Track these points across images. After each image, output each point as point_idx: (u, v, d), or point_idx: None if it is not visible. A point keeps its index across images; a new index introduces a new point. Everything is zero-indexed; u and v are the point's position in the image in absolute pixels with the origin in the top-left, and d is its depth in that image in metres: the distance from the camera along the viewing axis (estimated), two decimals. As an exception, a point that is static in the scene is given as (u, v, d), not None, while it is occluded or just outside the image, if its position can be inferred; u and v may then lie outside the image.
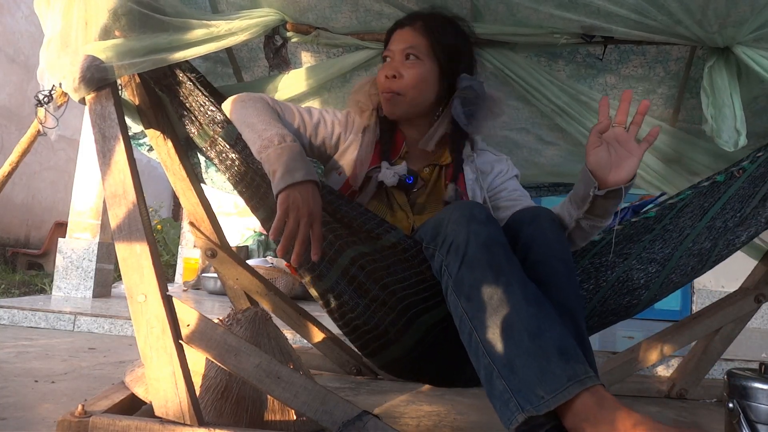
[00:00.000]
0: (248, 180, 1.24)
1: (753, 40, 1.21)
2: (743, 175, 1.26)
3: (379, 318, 1.15)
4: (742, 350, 2.60)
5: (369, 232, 1.14)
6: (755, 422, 1.06)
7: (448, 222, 1.01)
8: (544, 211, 1.09)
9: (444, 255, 1.00)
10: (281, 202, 1.04)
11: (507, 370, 0.87)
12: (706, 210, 1.27)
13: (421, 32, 1.28)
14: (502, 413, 0.88)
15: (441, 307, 1.06)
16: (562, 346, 0.87)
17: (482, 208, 1.03)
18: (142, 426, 0.97)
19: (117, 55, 1.10)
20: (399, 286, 1.12)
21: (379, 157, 1.29)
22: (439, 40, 1.28)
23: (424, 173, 1.31)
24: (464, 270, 0.96)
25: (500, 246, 0.98)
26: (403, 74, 1.26)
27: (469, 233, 0.97)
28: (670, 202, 1.27)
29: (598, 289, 1.28)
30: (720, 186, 1.27)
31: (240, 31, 1.29)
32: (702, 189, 1.27)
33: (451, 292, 0.98)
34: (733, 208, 1.29)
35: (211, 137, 1.25)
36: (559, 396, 0.83)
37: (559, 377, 0.84)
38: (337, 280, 1.17)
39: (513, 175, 1.35)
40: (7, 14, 5.98)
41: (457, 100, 1.27)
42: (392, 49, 1.29)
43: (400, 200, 1.27)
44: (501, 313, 0.91)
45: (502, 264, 0.95)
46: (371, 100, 1.33)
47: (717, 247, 1.31)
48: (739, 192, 1.28)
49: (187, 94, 1.25)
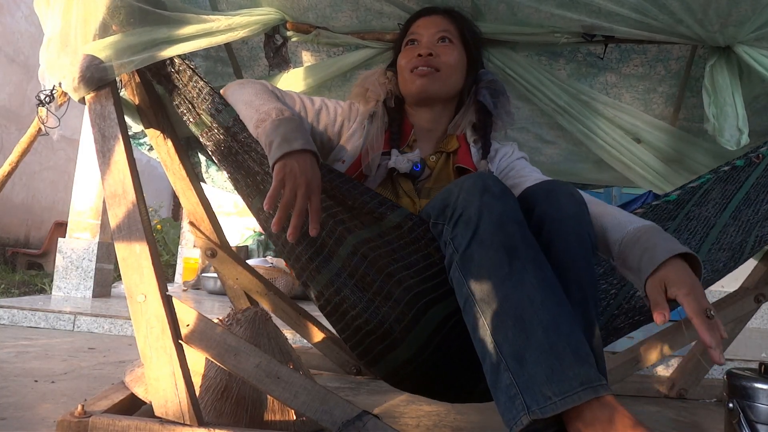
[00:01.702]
0: (246, 168, 1.21)
1: (754, 40, 1.21)
2: (762, 162, 1.24)
3: (383, 314, 1.04)
4: (742, 350, 2.60)
5: (371, 212, 1.05)
6: (755, 422, 1.05)
7: (459, 192, 0.92)
8: (562, 185, 0.99)
9: (452, 227, 0.91)
10: (277, 171, 0.98)
11: (516, 364, 0.80)
12: (729, 198, 1.23)
13: (452, 20, 1.29)
14: (506, 409, 0.81)
15: (451, 297, 0.94)
16: (576, 345, 0.81)
17: (497, 180, 0.94)
18: (141, 426, 0.97)
19: (116, 52, 1.10)
20: (405, 274, 1.02)
21: (389, 144, 1.27)
22: (468, 31, 1.30)
23: (431, 161, 1.29)
24: (474, 247, 0.88)
25: (516, 224, 0.89)
26: (440, 54, 1.25)
27: (482, 206, 0.89)
28: (690, 186, 1.23)
29: (624, 283, 1.21)
30: (740, 171, 1.23)
31: (240, 27, 1.29)
32: (722, 174, 1.23)
33: (456, 268, 0.90)
34: (758, 198, 1.25)
35: (208, 125, 1.23)
36: (568, 400, 0.77)
37: (570, 379, 0.77)
38: (338, 273, 1.09)
39: (520, 157, 1.32)
40: (7, 14, 5.98)
41: (485, 90, 1.28)
42: (422, 32, 1.27)
43: (406, 187, 1.23)
44: (513, 300, 0.83)
45: (518, 245, 0.86)
46: (382, 88, 1.30)
47: (749, 242, 1.27)
48: (761, 180, 1.24)
49: (186, 80, 1.24)
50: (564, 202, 0.95)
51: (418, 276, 1.01)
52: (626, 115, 1.49)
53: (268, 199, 0.95)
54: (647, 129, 1.51)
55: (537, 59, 1.47)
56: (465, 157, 1.27)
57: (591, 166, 1.73)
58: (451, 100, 1.32)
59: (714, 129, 1.25)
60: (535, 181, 1.18)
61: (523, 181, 1.20)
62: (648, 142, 1.51)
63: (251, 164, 1.19)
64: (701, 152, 1.50)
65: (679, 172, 1.51)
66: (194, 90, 1.23)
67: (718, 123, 1.25)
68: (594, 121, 1.48)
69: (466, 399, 1.18)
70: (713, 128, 1.25)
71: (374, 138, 1.26)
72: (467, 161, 1.26)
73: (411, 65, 1.25)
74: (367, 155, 1.24)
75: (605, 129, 1.49)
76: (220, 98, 1.21)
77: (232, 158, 1.22)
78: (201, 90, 1.22)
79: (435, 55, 1.24)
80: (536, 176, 1.23)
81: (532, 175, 1.23)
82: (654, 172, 1.51)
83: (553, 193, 0.96)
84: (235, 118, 1.18)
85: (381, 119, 1.29)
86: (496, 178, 0.94)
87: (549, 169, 1.82)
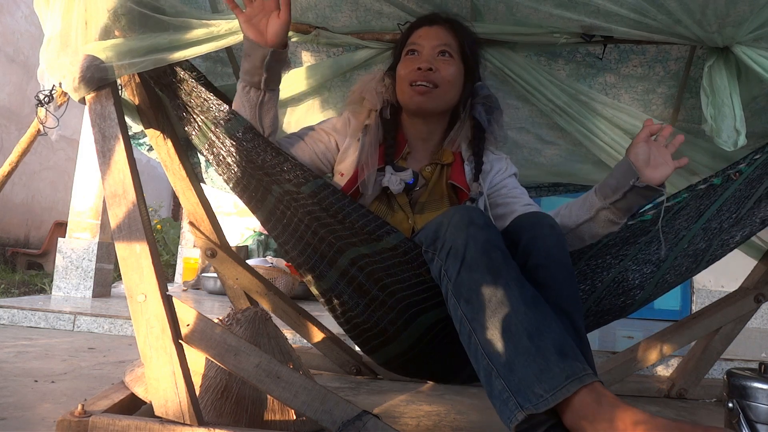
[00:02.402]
0: (245, 183, 1.23)
1: (752, 40, 1.21)
2: (740, 178, 1.27)
3: (378, 317, 1.16)
4: (741, 350, 2.60)
5: (369, 234, 1.14)
6: (755, 422, 1.06)
7: (448, 226, 1.02)
8: (545, 217, 1.10)
9: (443, 259, 1.01)
10: None
11: (506, 370, 0.88)
12: (702, 212, 1.28)
13: (453, 33, 1.29)
14: (501, 412, 0.89)
15: (440, 308, 1.07)
16: (560, 345, 0.88)
17: (481, 213, 1.04)
18: (141, 426, 0.97)
19: (117, 54, 1.10)
20: (398, 287, 1.13)
21: (383, 159, 1.29)
22: (467, 44, 1.31)
23: (426, 171, 1.31)
24: (463, 273, 0.97)
25: (498, 250, 0.99)
26: (439, 68, 1.26)
27: (467, 237, 0.99)
28: (666, 205, 1.27)
29: (594, 289, 1.30)
30: (716, 189, 1.28)
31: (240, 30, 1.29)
32: (698, 192, 1.27)
33: (451, 296, 0.99)
34: (729, 210, 1.29)
35: (209, 139, 1.24)
36: (558, 394, 0.84)
37: (557, 375, 0.85)
38: (337, 281, 1.18)
39: (511, 174, 1.36)
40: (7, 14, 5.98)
41: (480, 106, 1.30)
42: (422, 44, 1.28)
43: (401, 201, 1.28)
44: (499, 314, 0.92)
45: (500, 267, 0.96)
46: (378, 97, 1.32)
47: (711, 247, 1.32)
48: (736, 194, 1.28)
49: (189, 90, 1.24)
50: (546, 232, 1.07)
51: (410, 290, 1.13)
52: (625, 115, 1.50)
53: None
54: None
55: (536, 59, 1.48)
56: (459, 175, 1.30)
57: (590, 167, 1.74)
58: (446, 114, 1.34)
59: (711, 130, 1.26)
60: (523, 205, 1.30)
61: (512, 203, 1.31)
62: (647, 142, 1.51)
63: (250, 179, 1.22)
64: (700, 152, 1.51)
65: (678, 172, 1.51)
66: (197, 100, 1.23)
67: (716, 124, 1.25)
68: (593, 122, 1.48)
69: (453, 381, 1.38)
70: (711, 129, 1.26)
71: (368, 154, 1.28)
72: (461, 180, 1.30)
73: (410, 78, 1.27)
74: (362, 172, 1.26)
75: (604, 129, 1.49)
76: (226, 108, 1.22)
77: (234, 171, 1.25)
78: (206, 100, 1.22)
79: (434, 70, 1.26)
80: (525, 200, 1.32)
81: (521, 199, 1.32)
82: (653, 172, 1.51)
83: (537, 226, 1.08)
84: (246, 128, 1.20)
85: (375, 133, 1.30)
86: (480, 212, 1.05)
87: (549, 170, 1.82)
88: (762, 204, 1.33)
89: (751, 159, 1.28)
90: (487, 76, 1.53)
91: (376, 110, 1.31)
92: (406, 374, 1.37)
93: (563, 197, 2.53)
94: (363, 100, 1.32)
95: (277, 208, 1.20)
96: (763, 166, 1.29)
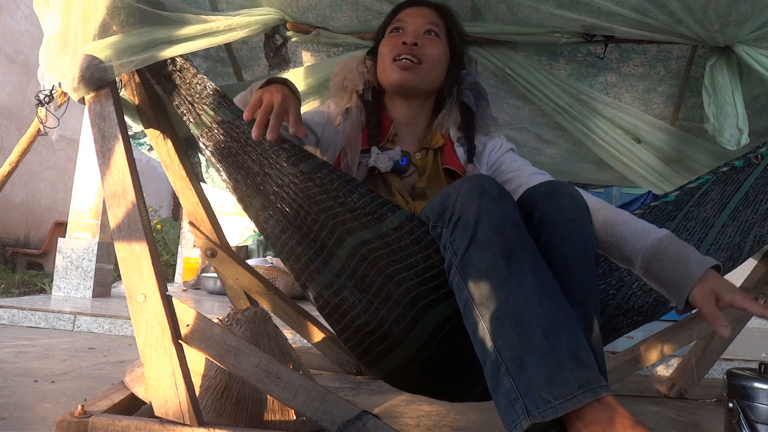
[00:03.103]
0: (246, 168, 1.20)
1: (754, 39, 1.21)
2: (761, 162, 1.23)
3: (382, 315, 1.04)
4: (742, 350, 2.60)
5: (372, 213, 1.05)
6: (755, 422, 1.05)
7: (457, 195, 0.92)
8: (562, 187, 0.98)
9: (450, 231, 0.92)
10: (258, 92, 1.10)
11: (516, 367, 0.80)
12: (727, 199, 1.23)
13: (440, 14, 1.28)
14: (506, 413, 0.81)
15: (451, 298, 0.95)
16: (575, 348, 0.80)
17: (495, 183, 0.93)
18: (141, 426, 0.97)
19: (116, 52, 1.10)
20: (405, 275, 1.01)
21: (368, 140, 1.25)
22: (456, 30, 1.29)
23: (417, 159, 1.27)
24: (473, 251, 0.88)
25: (514, 227, 0.88)
26: (424, 44, 1.23)
27: (480, 210, 0.89)
28: (689, 186, 1.23)
29: (622, 284, 1.19)
30: (739, 172, 1.24)
31: (239, 27, 1.29)
32: (721, 175, 1.23)
33: (455, 273, 0.90)
34: (756, 198, 1.25)
35: (207, 125, 1.22)
36: (568, 403, 0.77)
37: (570, 383, 0.77)
38: (337, 274, 1.08)
39: (507, 149, 1.30)
40: (7, 14, 5.98)
41: (468, 91, 1.27)
42: (408, 22, 1.26)
43: (396, 185, 1.22)
44: (511, 303, 0.83)
45: (516, 248, 0.86)
46: (360, 77, 1.29)
47: (747, 242, 1.27)
48: (759, 181, 1.24)
49: (189, 79, 1.23)
50: (565, 204, 0.94)
51: (418, 278, 1.01)
52: (626, 114, 1.49)
53: (247, 110, 1.06)
54: (647, 129, 1.51)
55: (537, 59, 1.47)
56: (452, 158, 1.26)
57: (591, 166, 1.74)
58: (430, 95, 1.30)
59: (714, 129, 1.26)
60: (531, 174, 1.19)
61: (517, 176, 1.21)
62: (648, 141, 1.51)
63: (251, 164, 1.19)
64: (701, 152, 1.51)
65: (679, 172, 1.51)
66: (198, 86, 1.22)
67: (718, 123, 1.25)
68: (594, 121, 1.48)
69: (464, 398, 1.18)
70: (713, 128, 1.26)
71: (350, 136, 1.24)
72: (455, 163, 1.25)
73: (394, 53, 1.23)
74: (346, 155, 1.22)
75: (605, 129, 1.49)
76: (224, 96, 1.21)
77: (232, 159, 1.21)
78: (205, 87, 1.22)
79: (420, 46, 1.23)
80: (529, 170, 1.22)
81: (524, 169, 1.23)
82: (654, 172, 1.52)
83: (554, 195, 0.96)
84: (238, 115, 1.18)
85: (357, 115, 1.26)
86: (493, 181, 0.94)
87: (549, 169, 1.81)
88: None
89: None
90: (487, 76, 1.53)
91: (358, 91, 1.28)
92: (412, 388, 1.22)
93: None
94: (344, 79, 1.30)
95: (276, 195, 1.15)
96: None
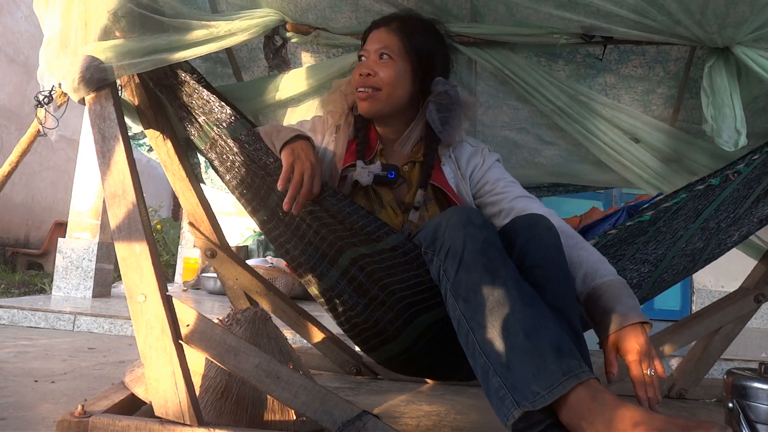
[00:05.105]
0: (248, 182, 1.25)
1: (752, 41, 1.21)
2: (738, 178, 1.27)
3: (378, 316, 1.17)
4: (741, 350, 2.60)
5: (369, 234, 1.15)
6: (755, 422, 1.06)
7: (446, 227, 1.03)
8: (542, 219, 1.10)
9: (442, 260, 1.02)
10: (286, 155, 1.14)
11: (503, 368, 0.89)
12: (699, 212, 1.28)
13: (395, 33, 1.29)
14: (498, 410, 0.89)
15: (439, 308, 1.07)
16: (556, 342, 0.89)
17: (479, 213, 1.05)
18: (141, 426, 0.97)
19: (117, 55, 1.10)
20: (398, 287, 1.14)
21: (355, 155, 1.29)
22: (413, 42, 1.29)
23: (405, 171, 1.31)
24: (461, 273, 0.98)
25: (496, 249, 0.99)
26: (377, 72, 1.26)
27: (465, 237, 0.99)
28: (664, 206, 1.28)
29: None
30: (714, 189, 1.28)
31: (240, 31, 1.29)
32: (697, 192, 1.28)
33: (450, 296, 1.00)
34: (726, 210, 1.30)
35: (211, 139, 1.25)
36: (555, 391, 0.84)
37: (553, 373, 0.85)
38: (338, 280, 1.20)
39: (491, 164, 1.33)
40: (7, 14, 5.98)
41: (432, 105, 1.27)
42: (367, 49, 1.30)
43: (387, 197, 1.28)
44: (497, 313, 0.92)
45: (498, 266, 0.97)
46: (346, 99, 1.35)
47: (709, 246, 1.32)
48: (734, 194, 1.29)
49: (190, 92, 1.25)
50: (544, 234, 1.06)
51: (410, 290, 1.13)
52: (625, 115, 1.50)
53: (281, 180, 1.11)
54: (646, 130, 1.51)
55: (536, 60, 1.48)
56: (438, 175, 1.30)
57: (590, 167, 1.74)
58: (402, 113, 1.32)
59: (712, 130, 1.26)
60: (514, 197, 1.26)
61: (502, 198, 1.27)
62: (647, 142, 1.51)
63: (254, 178, 1.22)
64: (700, 153, 1.51)
65: (678, 173, 1.51)
66: (199, 101, 1.24)
67: (717, 124, 1.25)
68: (593, 122, 1.48)
69: (450, 379, 1.40)
70: (711, 129, 1.26)
71: (340, 151, 1.30)
72: (440, 179, 1.30)
73: (354, 84, 1.29)
74: (336, 169, 1.28)
75: (604, 130, 1.49)
76: (228, 109, 1.23)
77: (236, 171, 1.25)
78: (208, 101, 1.23)
79: (373, 74, 1.26)
80: (511, 194, 1.27)
81: (509, 190, 1.28)
82: (653, 173, 1.52)
83: (534, 228, 1.07)
84: (249, 130, 1.22)
85: (345, 131, 1.32)
86: (477, 212, 1.06)
87: (548, 170, 1.82)
88: (760, 204, 1.34)
89: (750, 159, 1.29)
90: (486, 77, 1.54)
91: (345, 112, 1.34)
92: (405, 372, 1.38)
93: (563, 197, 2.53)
94: (333, 102, 1.36)
95: (280, 208, 1.20)
96: (762, 166, 1.30)
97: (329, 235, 1.18)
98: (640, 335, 1.02)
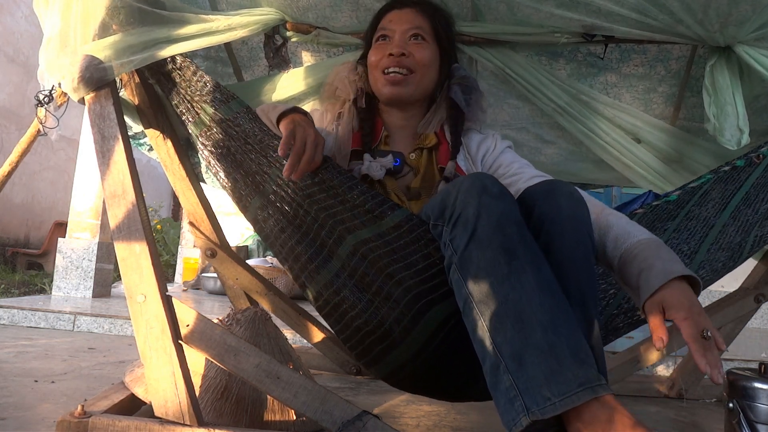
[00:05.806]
0: (244, 169, 1.21)
1: (754, 39, 1.21)
2: (763, 162, 1.24)
3: (382, 315, 1.03)
4: (742, 350, 2.60)
5: (371, 211, 1.06)
6: (755, 422, 1.05)
7: (458, 193, 0.92)
8: (561, 185, 0.97)
9: (450, 228, 0.91)
10: (286, 124, 1.09)
11: (515, 364, 0.80)
12: (728, 198, 1.24)
13: (424, 15, 1.25)
14: (505, 410, 0.81)
15: (452, 298, 0.94)
16: (575, 345, 0.80)
17: (495, 181, 0.93)
18: (141, 426, 0.97)
19: (115, 52, 1.10)
20: (405, 274, 1.01)
21: (360, 144, 1.24)
22: (442, 25, 1.27)
23: (411, 159, 1.26)
24: (472, 248, 0.87)
25: (514, 224, 0.88)
26: (412, 53, 1.21)
27: (479, 207, 0.88)
28: (691, 186, 1.24)
29: None
30: (740, 172, 1.25)
31: (239, 27, 1.29)
32: (722, 174, 1.24)
33: (455, 270, 0.90)
34: (757, 197, 1.26)
35: (207, 125, 1.22)
36: (568, 401, 0.77)
37: (569, 381, 0.77)
38: (337, 274, 1.08)
39: (504, 148, 1.27)
40: (7, 14, 5.98)
41: (456, 86, 1.25)
42: (393, 28, 1.23)
43: (391, 185, 1.21)
44: (511, 300, 0.83)
45: (516, 245, 0.86)
46: (351, 86, 1.28)
47: (748, 242, 1.27)
48: (761, 180, 1.25)
49: (189, 76, 1.23)
50: (563, 202, 0.94)
51: (418, 276, 1.00)
52: (626, 115, 1.49)
53: (281, 146, 1.04)
54: (647, 129, 1.51)
55: (537, 59, 1.47)
56: (447, 157, 1.24)
57: (591, 166, 1.74)
58: (424, 99, 1.29)
59: (714, 129, 1.26)
60: (530, 177, 1.17)
61: (517, 180, 1.19)
62: (648, 141, 1.51)
63: (250, 163, 1.19)
64: (701, 152, 1.51)
65: (679, 172, 1.51)
66: (199, 83, 1.22)
67: (719, 123, 1.25)
68: (594, 121, 1.48)
69: (464, 397, 1.18)
70: (714, 128, 1.26)
71: (342, 141, 1.25)
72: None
73: (383, 65, 1.22)
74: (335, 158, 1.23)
75: (605, 129, 1.49)
76: (227, 91, 1.21)
77: (231, 158, 1.22)
78: (206, 84, 1.22)
79: (408, 55, 1.21)
80: (527, 174, 1.20)
81: (522, 173, 1.21)
82: (654, 172, 1.52)
83: (552, 194, 0.95)
84: (246, 108, 1.19)
85: (347, 120, 1.26)
86: (494, 179, 0.93)
87: (549, 169, 1.81)
88: None
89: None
90: (487, 76, 1.53)
91: (350, 100, 1.27)
92: (412, 388, 1.22)
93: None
94: (336, 90, 1.29)
95: (275, 194, 1.15)
96: None
97: (328, 220, 1.08)
98: (689, 291, 0.89)
